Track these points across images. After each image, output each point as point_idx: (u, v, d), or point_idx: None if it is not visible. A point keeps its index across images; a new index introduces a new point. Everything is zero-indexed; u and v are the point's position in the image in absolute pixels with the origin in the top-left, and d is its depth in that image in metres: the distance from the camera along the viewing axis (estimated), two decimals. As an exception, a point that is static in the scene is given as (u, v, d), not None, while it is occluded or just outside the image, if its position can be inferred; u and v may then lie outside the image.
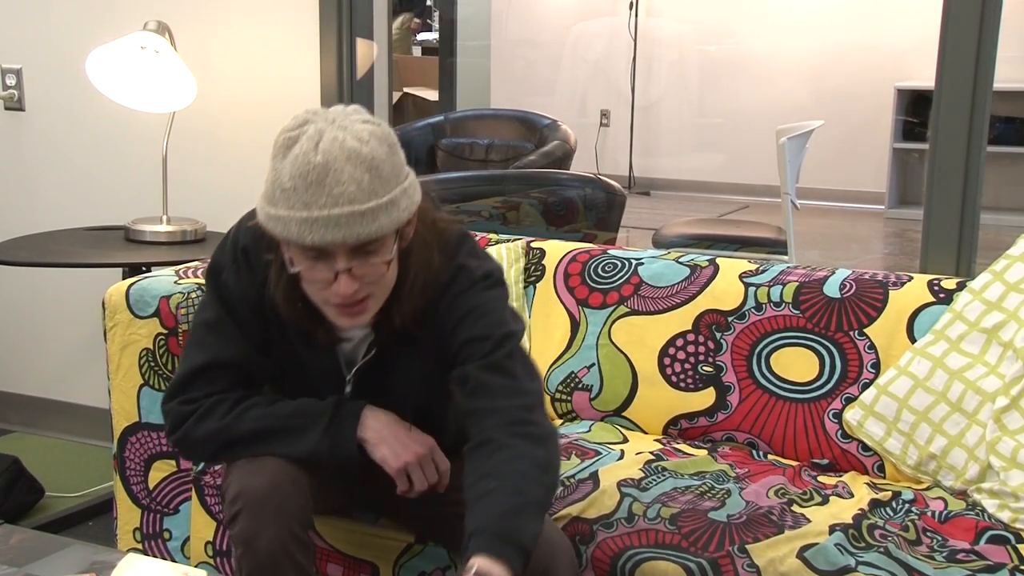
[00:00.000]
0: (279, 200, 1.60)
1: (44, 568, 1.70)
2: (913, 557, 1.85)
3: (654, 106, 7.95)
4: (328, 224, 1.58)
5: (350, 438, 1.77)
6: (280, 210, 1.60)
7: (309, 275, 1.66)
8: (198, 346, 1.84)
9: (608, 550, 1.90)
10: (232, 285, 1.81)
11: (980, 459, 2.09)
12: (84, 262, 2.93)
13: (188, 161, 3.22)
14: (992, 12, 2.40)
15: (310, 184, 1.57)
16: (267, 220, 1.63)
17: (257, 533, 1.71)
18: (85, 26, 3.34)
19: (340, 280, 1.64)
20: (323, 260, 1.63)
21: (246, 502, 1.73)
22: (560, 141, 4.71)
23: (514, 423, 1.68)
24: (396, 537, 2.04)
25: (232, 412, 1.79)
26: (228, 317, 1.82)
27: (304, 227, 1.58)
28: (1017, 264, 2.20)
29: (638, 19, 7.81)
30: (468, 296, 1.77)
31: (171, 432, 1.84)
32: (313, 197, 1.57)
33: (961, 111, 2.45)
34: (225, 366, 1.82)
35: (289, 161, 1.59)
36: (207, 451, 1.86)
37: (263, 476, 1.74)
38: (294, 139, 1.61)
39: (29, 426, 3.65)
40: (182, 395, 1.82)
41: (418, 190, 1.70)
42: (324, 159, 1.57)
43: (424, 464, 1.81)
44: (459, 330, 1.76)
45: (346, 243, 1.60)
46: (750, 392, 2.34)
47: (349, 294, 1.65)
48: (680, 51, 7.91)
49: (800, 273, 2.39)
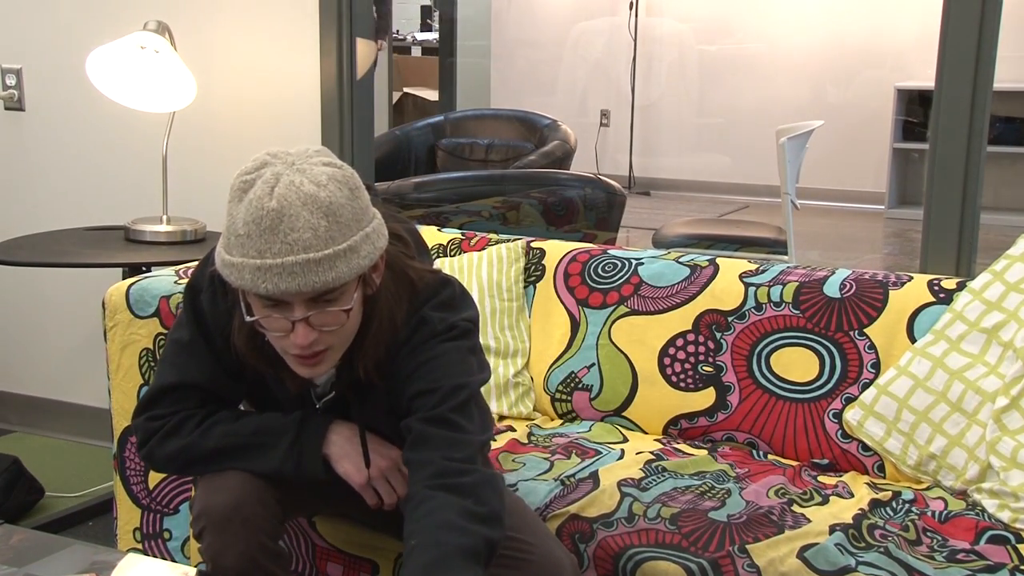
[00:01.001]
0: (233, 246, 1.55)
1: (44, 568, 1.70)
2: (913, 557, 1.85)
3: (654, 106, 7.96)
4: (282, 272, 1.52)
5: (315, 455, 1.75)
6: (235, 257, 1.55)
7: (267, 324, 1.61)
8: (170, 364, 1.82)
9: (609, 549, 1.90)
10: (207, 309, 1.78)
11: (980, 459, 2.09)
12: (84, 262, 2.92)
13: (188, 161, 3.22)
14: (992, 12, 2.40)
15: (264, 231, 1.52)
16: (223, 267, 1.58)
17: (222, 551, 1.71)
18: (85, 26, 3.34)
19: (297, 330, 1.58)
20: (280, 309, 1.58)
21: (209, 520, 1.72)
22: (560, 141, 4.72)
23: (439, 475, 1.61)
24: (396, 539, 2.04)
25: (198, 429, 1.78)
26: (201, 339, 1.79)
27: (258, 275, 1.53)
28: (1017, 264, 2.20)
29: (638, 19, 7.82)
30: (424, 349, 1.70)
31: (139, 447, 1.84)
32: (267, 244, 1.52)
33: (961, 111, 2.45)
34: (194, 388, 1.80)
35: (244, 206, 1.54)
36: (173, 467, 1.84)
37: (226, 493, 1.72)
38: (250, 183, 1.55)
39: (29, 426, 3.66)
40: (149, 411, 1.81)
41: (384, 236, 1.63)
42: (279, 204, 1.51)
43: (390, 476, 1.77)
44: (410, 383, 1.70)
45: (301, 292, 1.54)
46: (750, 392, 2.34)
47: (306, 344, 1.59)
48: (680, 51, 7.91)
49: (800, 273, 2.40)
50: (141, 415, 1.82)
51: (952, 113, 2.46)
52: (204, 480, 1.78)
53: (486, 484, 1.64)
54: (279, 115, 3.15)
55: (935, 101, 2.48)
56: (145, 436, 1.82)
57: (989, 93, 2.44)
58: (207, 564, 1.73)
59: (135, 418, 1.84)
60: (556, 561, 1.78)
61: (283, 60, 3.13)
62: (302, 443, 1.76)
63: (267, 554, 1.74)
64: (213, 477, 1.76)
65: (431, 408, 1.66)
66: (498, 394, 2.49)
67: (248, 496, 1.72)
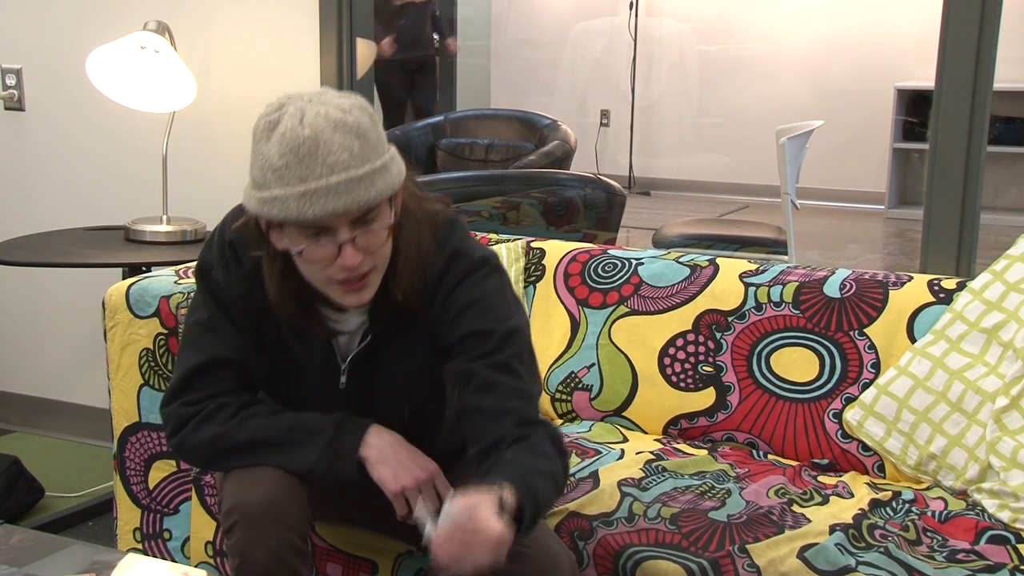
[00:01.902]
0: (272, 181, 1.57)
1: (44, 568, 1.70)
2: (913, 557, 1.85)
3: (654, 106, 7.96)
4: (328, 194, 1.55)
5: (351, 457, 1.73)
6: (275, 190, 1.57)
7: (311, 254, 1.62)
8: (194, 346, 1.81)
9: (609, 547, 1.91)
10: (223, 282, 1.78)
11: (980, 459, 2.09)
12: (84, 262, 2.93)
13: (188, 161, 3.22)
14: (992, 12, 2.40)
15: (303, 158, 1.55)
16: (261, 205, 1.59)
17: (252, 546, 1.70)
18: (85, 26, 3.34)
19: (345, 252, 1.60)
20: (325, 235, 1.60)
21: (242, 515, 1.70)
22: (560, 141, 4.72)
23: (526, 423, 1.68)
24: (396, 540, 2.04)
25: (234, 419, 1.77)
26: (221, 314, 1.79)
27: (304, 201, 1.55)
28: (1017, 264, 2.21)
29: (638, 19, 7.82)
30: (468, 285, 1.74)
31: (171, 435, 1.82)
32: (308, 170, 1.55)
33: (961, 111, 2.45)
34: (223, 363, 1.79)
35: (275, 141, 1.57)
36: (204, 456, 1.82)
37: (260, 489, 1.71)
38: (275, 121, 1.59)
39: (29, 426, 3.66)
40: (183, 397, 1.80)
41: (402, 161, 1.67)
42: (312, 132, 1.55)
43: (424, 490, 1.75)
44: (460, 321, 1.72)
45: (348, 211, 1.57)
46: (750, 392, 2.34)
47: (355, 265, 1.61)
48: (680, 51, 7.91)
49: (800, 273, 2.40)
50: (173, 402, 1.80)
51: (952, 113, 2.46)
52: (235, 476, 1.75)
53: (558, 436, 1.72)
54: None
55: (935, 101, 2.48)
56: (178, 423, 1.79)
57: (989, 93, 2.44)
58: (234, 559, 1.72)
59: (165, 406, 1.82)
60: (553, 555, 1.78)
61: (283, 60, 3.13)
62: (338, 443, 1.74)
63: (295, 552, 1.73)
64: (245, 473, 1.74)
65: (490, 352, 1.69)
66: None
67: (282, 493, 1.71)
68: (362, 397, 1.83)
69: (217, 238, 1.81)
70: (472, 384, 1.70)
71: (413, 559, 2.03)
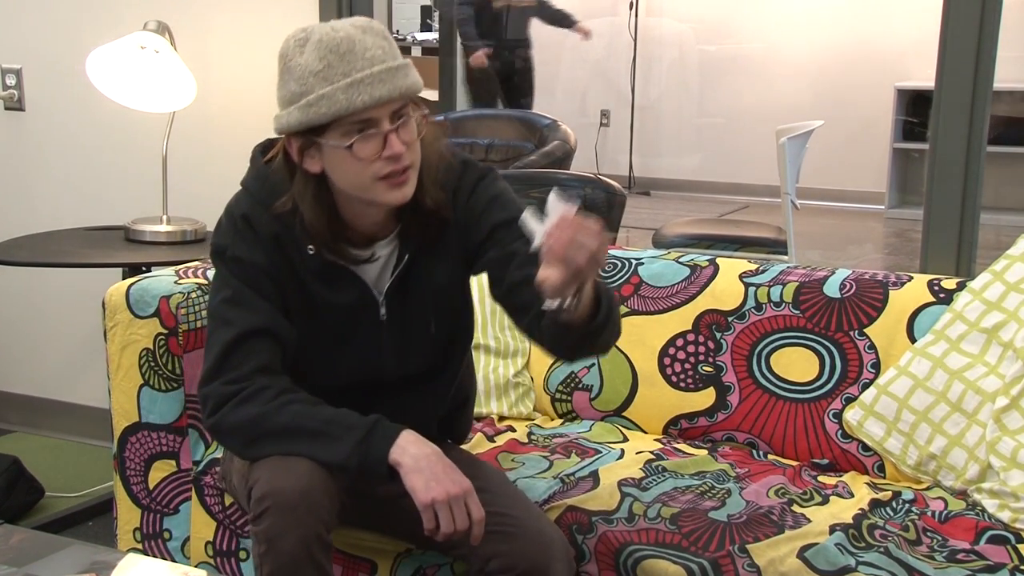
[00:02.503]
0: (315, 84, 1.71)
1: (44, 568, 1.70)
2: (913, 557, 1.85)
3: (654, 106, 7.96)
4: (373, 82, 1.70)
5: (381, 458, 1.73)
6: (320, 90, 1.70)
7: (360, 149, 1.72)
8: (224, 323, 1.83)
9: (610, 544, 1.91)
10: (243, 254, 1.83)
11: (980, 459, 2.09)
12: (84, 262, 2.93)
13: (188, 161, 3.22)
14: (992, 12, 2.40)
15: (344, 55, 1.70)
16: (306, 110, 1.71)
17: (283, 534, 1.70)
18: (85, 26, 3.35)
19: (390, 140, 1.73)
20: (370, 127, 1.72)
21: (275, 502, 1.71)
22: (560, 141, 4.71)
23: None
24: (396, 540, 2.05)
25: (275, 401, 1.78)
26: (246, 287, 1.82)
27: (352, 91, 1.69)
28: (1017, 264, 2.21)
29: (638, 19, 7.82)
30: (484, 186, 1.89)
31: (210, 414, 1.82)
32: (350, 64, 1.70)
33: (961, 111, 2.45)
34: (256, 333, 1.81)
35: (311, 49, 1.71)
36: (239, 439, 1.81)
37: (295, 478, 1.72)
38: (305, 38, 1.74)
39: (29, 426, 3.66)
40: (222, 376, 1.80)
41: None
42: (346, 34, 1.71)
43: (454, 505, 1.73)
44: (487, 217, 1.86)
45: (391, 98, 1.71)
46: (750, 392, 2.34)
47: (401, 152, 1.73)
48: (680, 51, 7.91)
49: (800, 273, 2.40)
50: (213, 381, 1.81)
51: (952, 113, 2.46)
52: (270, 463, 1.75)
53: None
54: (279, 115, 3.15)
55: (935, 101, 2.48)
56: (219, 402, 1.80)
57: (989, 93, 2.44)
58: (261, 545, 1.73)
59: (204, 386, 1.83)
60: (547, 536, 1.80)
61: (283, 60, 3.13)
62: (370, 442, 1.74)
63: (321, 545, 1.73)
64: (280, 461, 1.75)
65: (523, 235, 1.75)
66: (498, 394, 2.49)
67: (316, 484, 1.72)
68: (402, 325, 1.90)
69: (227, 218, 1.87)
70: (515, 262, 1.79)
71: (412, 558, 2.04)
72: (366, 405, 1.82)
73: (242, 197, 1.88)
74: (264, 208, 1.83)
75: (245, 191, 1.88)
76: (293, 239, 1.83)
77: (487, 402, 2.49)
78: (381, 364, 1.91)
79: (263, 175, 1.87)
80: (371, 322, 1.88)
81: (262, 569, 1.75)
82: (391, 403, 1.87)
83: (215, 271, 1.88)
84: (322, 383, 1.87)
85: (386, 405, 1.85)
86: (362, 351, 1.89)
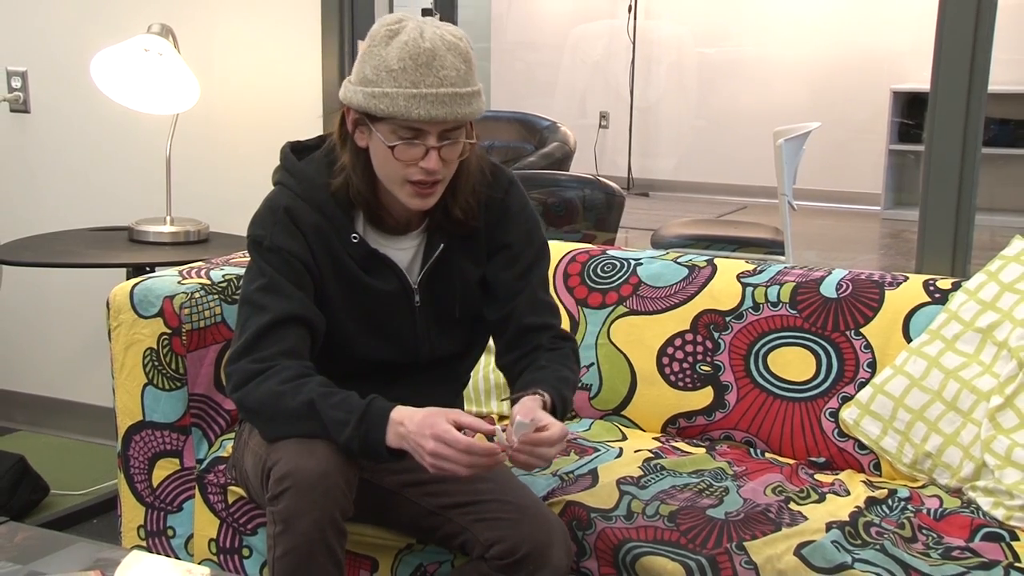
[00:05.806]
0: (384, 80, 1.77)
1: (49, 565, 1.70)
2: (909, 554, 1.86)
3: (653, 108, 7.97)
4: (434, 101, 1.76)
5: (379, 442, 1.78)
6: (386, 88, 1.77)
7: (402, 153, 1.81)
8: (259, 309, 1.88)
9: (609, 540, 1.93)
10: (282, 243, 1.89)
11: (975, 457, 2.10)
12: (88, 262, 2.94)
13: (191, 162, 3.24)
14: (987, 15, 2.42)
15: (420, 65, 1.76)
16: (368, 98, 1.78)
17: (301, 514, 1.74)
18: (89, 29, 3.36)
19: (430, 155, 1.80)
20: (418, 137, 1.80)
21: (295, 481, 1.75)
22: (560, 142, 4.74)
23: (561, 338, 2.03)
24: (396, 538, 2.07)
25: (293, 381, 1.82)
26: (280, 277, 1.89)
27: (412, 102, 1.76)
28: (1011, 264, 2.22)
29: (637, 22, 7.84)
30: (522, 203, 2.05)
31: (233, 389, 1.88)
32: (421, 77, 1.76)
33: (956, 113, 2.46)
34: (289, 320, 1.87)
35: (396, 47, 1.77)
36: (263, 416, 1.86)
37: (316, 459, 1.76)
38: (396, 30, 1.79)
39: (34, 425, 3.67)
40: (251, 355, 1.86)
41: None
42: (431, 45, 1.76)
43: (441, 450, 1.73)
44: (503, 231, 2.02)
45: (445, 121, 1.78)
46: (748, 391, 2.36)
47: (435, 169, 1.81)
48: (679, 53, 7.93)
49: (797, 273, 2.41)
50: (240, 359, 1.87)
51: (947, 115, 2.48)
52: (290, 445, 1.79)
53: (577, 350, 2.07)
54: (281, 117, 3.17)
55: (931, 103, 2.50)
56: (244, 378, 1.85)
57: (984, 95, 2.45)
58: (278, 525, 1.76)
59: (231, 364, 1.88)
60: (547, 521, 1.85)
61: (285, 62, 3.15)
62: (366, 428, 1.77)
63: (335, 529, 1.77)
64: (301, 444, 1.79)
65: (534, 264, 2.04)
66: (498, 394, 2.50)
67: (336, 468, 1.77)
68: (434, 312, 2.01)
69: (268, 210, 1.94)
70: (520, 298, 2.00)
71: (413, 555, 2.05)
72: (397, 384, 1.94)
73: (282, 191, 1.95)
74: (304, 201, 1.92)
75: (282, 187, 1.95)
76: (336, 228, 1.92)
77: (487, 402, 2.51)
78: (416, 346, 2.01)
79: (298, 171, 1.95)
80: (410, 306, 1.99)
81: (276, 549, 1.78)
82: (422, 379, 2.01)
83: (250, 260, 1.95)
84: (364, 357, 1.99)
85: (418, 381, 2.00)
86: (400, 333, 1.99)
